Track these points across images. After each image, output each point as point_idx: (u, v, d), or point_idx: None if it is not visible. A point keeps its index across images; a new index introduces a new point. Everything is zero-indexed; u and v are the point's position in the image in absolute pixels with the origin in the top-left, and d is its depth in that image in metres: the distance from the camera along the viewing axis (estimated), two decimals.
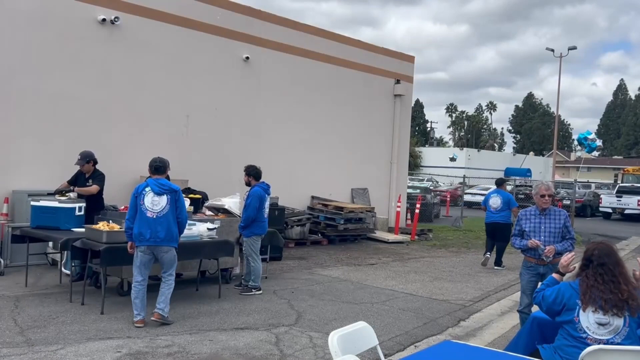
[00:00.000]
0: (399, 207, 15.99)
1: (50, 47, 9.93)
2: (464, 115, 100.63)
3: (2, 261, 8.39)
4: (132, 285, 6.28)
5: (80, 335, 5.68)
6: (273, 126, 13.56)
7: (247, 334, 6.07)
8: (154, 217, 6.17)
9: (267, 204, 8.19)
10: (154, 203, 6.23)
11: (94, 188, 8.16)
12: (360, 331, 3.69)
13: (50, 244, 8.47)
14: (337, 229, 13.50)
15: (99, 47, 10.53)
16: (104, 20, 10.47)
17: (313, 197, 14.48)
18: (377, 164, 16.51)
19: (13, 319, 6.05)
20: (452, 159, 47.37)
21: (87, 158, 8.24)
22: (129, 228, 6.22)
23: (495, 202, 11.42)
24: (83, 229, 7.08)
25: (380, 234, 14.76)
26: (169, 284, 6.37)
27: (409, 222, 17.38)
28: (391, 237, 14.69)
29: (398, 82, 16.84)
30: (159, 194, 6.28)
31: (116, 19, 10.56)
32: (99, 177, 8.32)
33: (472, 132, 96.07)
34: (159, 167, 6.61)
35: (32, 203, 7.51)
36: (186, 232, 7.16)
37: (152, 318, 6.16)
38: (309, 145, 14.38)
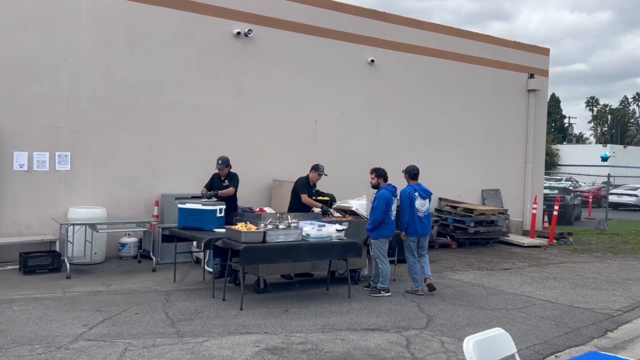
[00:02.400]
0: (534, 209, 15.11)
1: (191, 62, 10.78)
2: (607, 109, 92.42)
3: (154, 259, 9.25)
4: (410, 265, 8.11)
5: (223, 329, 6.08)
6: (398, 127, 13.51)
7: (378, 335, 6.10)
8: (422, 215, 8.14)
9: (394, 207, 8.17)
10: (422, 205, 8.16)
11: (231, 190, 8.75)
12: (496, 338, 3.55)
13: (195, 243, 9.18)
14: (467, 232, 13.08)
15: (234, 59, 11.23)
16: (238, 33, 11.15)
17: (441, 199, 14.17)
18: (509, 163, 15.75)
19: (165, 312, 6.64)
20: (604, 159, 42.73)
21: (227, 162, 8.85)
22: (405, 222, 8.10)
23: None
24: (223, 230, 7.58)
25: (514, 238, 14.05)
26: (426, 258, 8.30)
27: (546, 225, 16.34)
28: (526, 240, 13.92)
29: (532, 76, 15.93)
30: (424, 197, 8.22)
31: (249, 32, 11.20)
32: (234, 179, 8.89)
33: (617, 127, 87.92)
34: (417, 174, 8.43)
35: (179, 205, 8.17)
36: (316, 233, 7.40)
37: (426, 283, 8.06)
38: (436, 146, 14.11)
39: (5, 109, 9.07)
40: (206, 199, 8.28)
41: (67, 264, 8.38)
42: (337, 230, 7.70)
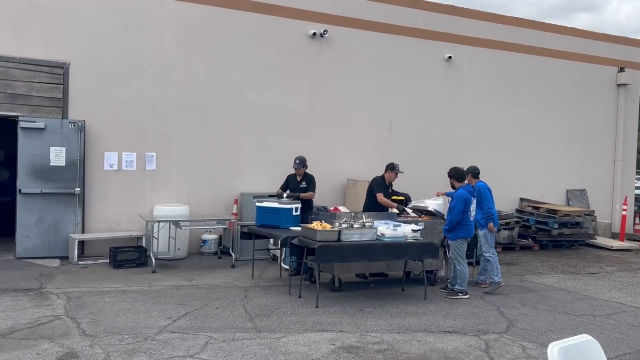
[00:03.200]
0: (624, 210, 14.21)
1: (268, 63, 11.02)
2: None
3: (233, 255, 9.54)
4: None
5: (299, 325, 6.17)
6: (476, 125, 13.15)
7: (455, 338, 5.97)
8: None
9: (472, 207, 7.96)
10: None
11: (311, 194, 8.98)
12: (584, 345, 3.37)
13: (271, 241, 9.38)
14: (550, 234, 12.52)
15: (310, 59, 11.36)
16: (314, 34, 11.28)
17: (522, 199, 13.65)
18: (596, 162, 14.92)
19: (244, 307, 6.83)
20: None
21: (304, 162, 8.98)
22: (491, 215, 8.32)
23: None
24: (299, 228, 7.69)
25: (601, 240, 13.29)
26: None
27: (637, 227, 15.34)
28: (615, 243, 13.13)
29: (622, 69, 15.01)
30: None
31: (325, 32, 11.29)
32: (312, 182, 9.01)
33: None
34: (479, 172, 8.53)
35: (257, 204, 8.38)
36: (391, 232, 7.35)
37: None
38: (516, 144, 13.61)
39: (97, 112, 9.66)
40: (286, 198, 8.43)
41: (153, 259, 8.81)
42: (412, 230, 7.61)
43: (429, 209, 8.72)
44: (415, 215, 8.86)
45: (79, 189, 9.45)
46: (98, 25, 9.69)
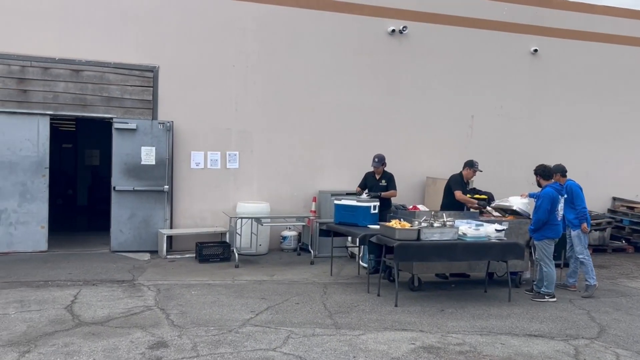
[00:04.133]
0: None
1: (347, 61, 11.06)
2: None
3: (312, 252, 9.67)
4: (585, 261, 7.81)
5: (378, 324, 6.17)
6: (563, 121, 12.53)
7: (542, 342, 5.74)
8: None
9: (560, 206, 7.61)
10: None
11: (393, 193, 8.92)
12: None
13: (349, 238, 9.43)
14: None
15: (388, 57, 11.29)
16: (393, 31, 11.20)
17: (615, 199, 12.86)
18: None
19: (323, 304, 6.91)
20: None
21: (383, 160, 8.93)
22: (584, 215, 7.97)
23: None
24: (378, 226, 7.67)
25: None
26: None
27: None
28: None
29: None
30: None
31: (404, 29, 11.19)
32: (392, 180, 8.94)
33: None
34: (566, 171, 8.24)
35: (335, 202, 8.45)
36: (473, 232, 7.17)
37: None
38: (607, 141, 12.84)
39: (184, 112, 10.10)
40: (367, 197, 8.44)
41: (236, 254, 9.10)
42: (496, 230, 7.38)
43: (514, 208, 8.42)
44: (499, 215, 8.59)
45: (167, 186, 9.93)
46: (184, 30, 10.13)
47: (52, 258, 9.04)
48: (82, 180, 16.90)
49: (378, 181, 8.97)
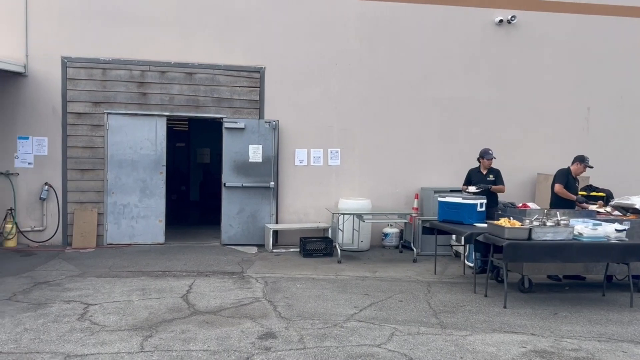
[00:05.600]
0: None
1: (451, 55, 10.79)
2: None
3: (415, 250, 9.56)
4: None
5: (486, 325, 5.97)
6: None
7: None
8: None
9: None
10: None
11: (503, 188, 8.54)
12: None
13: (454, 236, 9.21)
14: None
15: (496, 48, 10.87)
16: (500, 21, 10.77)
17: None
18: None
19: (427, 302, 6.82)
20: None
21: (492, 155, 8.58)
22: None
23: None
24: (484, 224, 7.42)
25: None
26: None
27: None
28: None
29: None
30: None
31: (513, 18, 10.72)
32: (500, 174, 8.58)
33: None
34: None
35: (439, 199, 8.28)
36: (590, 232, 6.73)
37: None
38: None
39: (289, 111, 10.38)
40: (477, 190, 8.20)
41: (338, 250, 9.22)
42: (616, 230, 6.86)
43: (636, 206, 7.79)
44: (619, 214, 7.99)
45: (273, 182, 10.27)
46: (289, 31, 10.39)
47: (168, 250, 9.68)
48: (194, 177, 17.92)
49: (485, 176, 8.65)
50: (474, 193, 8.19)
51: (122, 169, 9.95)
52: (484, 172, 8.68)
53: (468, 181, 8.76)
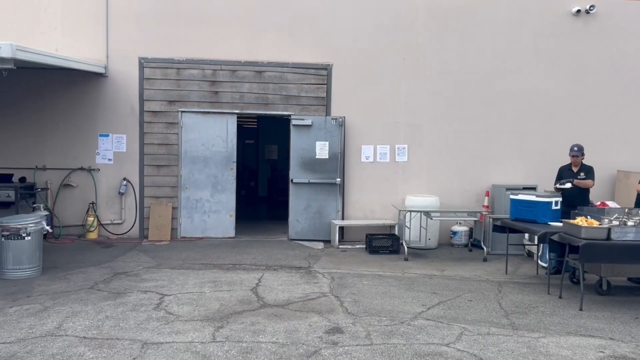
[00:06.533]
0: None
1: (525, 47, 10.43)
2: None
3: (485, 249, 9.32)
4: None
5: (560, 327, 5.75)
6: None
7: None
8: None
9: None
10: None
11: (589, 182, 8.09)
12: None
13: (527, 235, 8.90)
14: None
15: (573, 39, 10.41)
16: (578, 11, 10.30)
17: None
18: None
19: (498, 302, 6.64)
20: None
21: (583, 150, 8.17)
22: None
23: None
24: (559, 224, 7.14)
25: None
26: None
27: None
28: None
29: None
30: None
31: (591, 8, 10.22)
32: (592, 171, 8.14)
33: None
34: None
35: (511, 197, 8.02)
36: None
37: None
38: None
39: (355, 108, 10.38)
40: (560, 186, 7.91)
41: (405, 247, 9.14)
42: None
43: None
44: None
45: (339, 179, 10.31)
46: (356, 26, 10.38)
47: (238, 244, 9.94)
48: (262, 173, 18.29)
49: (576, 174, 8.22)
50: (557, 189, 7.93)
51: (195, 165, 10.31)
52: (575, 170, 8.24)
53: (559, 178, 8.38)
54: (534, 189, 9.40)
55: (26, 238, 7.30)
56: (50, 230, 8.62)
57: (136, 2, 10.10)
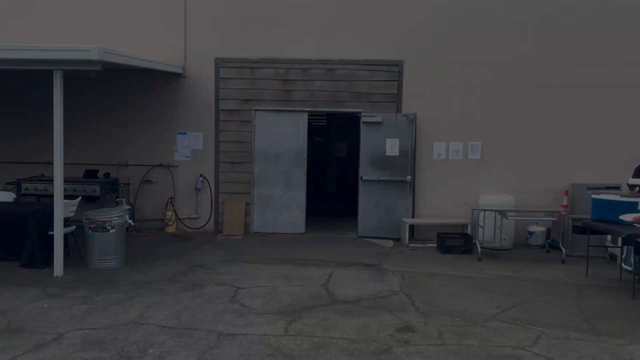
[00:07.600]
0: None
1: (611, 39, 9.92)
2: None
3: (563, 250, 8.94)
4: None
5: None
6: None
7: None
8: None
9: None
10: None
11: None
12: None
13: (609, 237, 8.46)
14: None
15: None
16: None
17: None
18: None
19: (577, 306, 6.35)
20: None
21: None
22: None
23: None
24: None
25: None
26: None
27: None
28: None
29: None
30: None
31: None
32: None
33: None
34: None
35: (593, 196, 7.65)
36: None
37: None
38: None
39: (426, 104, 10.21)
40: (634, 183, 7.50)
41: (479, 247, 8.92)
42: None
43: None
44: None
45: (410, 177, 10.20)
46: (429, 21, 10.22)
47: (308, 240, 10.06)
48: (331, 170, 18.38)
49: None
50: (631, 186, 7.49)
51: (267, 163, 10.52)
52: None
53: (636, 176, 7.95)
54: (617, 188, 8.93)
55: (111, 231, 7.73)
56: (132, 224, 9.07)
57: (212, 4, 10.42)
